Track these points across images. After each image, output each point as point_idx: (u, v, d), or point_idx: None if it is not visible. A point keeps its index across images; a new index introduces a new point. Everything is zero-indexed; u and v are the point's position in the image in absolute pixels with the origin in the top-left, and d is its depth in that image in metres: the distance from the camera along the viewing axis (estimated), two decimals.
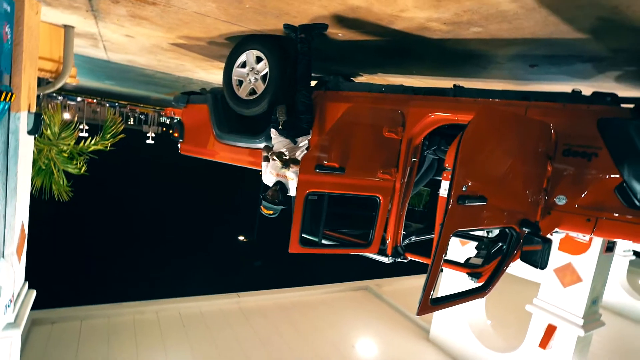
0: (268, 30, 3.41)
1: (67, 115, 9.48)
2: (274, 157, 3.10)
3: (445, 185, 2.59)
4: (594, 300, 5.33)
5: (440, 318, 6.93)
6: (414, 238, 3.48)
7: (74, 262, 14.35)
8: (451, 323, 6.70)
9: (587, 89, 3.53)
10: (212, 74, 6.70)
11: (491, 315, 6.92)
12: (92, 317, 6.81)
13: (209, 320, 7.24)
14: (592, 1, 1.98)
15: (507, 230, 2.50)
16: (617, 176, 2.32)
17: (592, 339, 5.57)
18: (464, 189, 1.99)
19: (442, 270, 2.69)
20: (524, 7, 2.20)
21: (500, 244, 2.88)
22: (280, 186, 3.24)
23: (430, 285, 2.12)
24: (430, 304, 2.19)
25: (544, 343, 5.41)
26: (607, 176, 2.37)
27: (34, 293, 3.65)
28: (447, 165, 2.68)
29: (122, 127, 8.36)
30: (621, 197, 2.31)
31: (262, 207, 3.25)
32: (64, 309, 6.86)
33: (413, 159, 2.99)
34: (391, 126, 2.94)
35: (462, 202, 2.00)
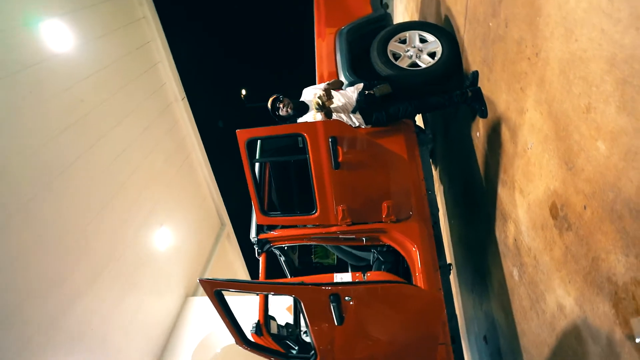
0: (462, 47, 3.13)
1: None
2: (328, 94, 2.82)
3: (346, 278, 2.44)
4: None
5: (203, 305, 6.89)
6: (282, 258, 3.35)
7: None
8: (205, 320, 6.64)
9: None
10: (400, 14, 6.33)
11: None
12: None
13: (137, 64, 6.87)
14: None
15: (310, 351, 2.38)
16: None
17: None
18: (346, 299, 1.83)
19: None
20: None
21: (296, 347, 2.81)
22: (303, 107, 3.01)
23: (233, 285, 2.04)
24: (213, 289, 2.06)
25: None
26: None
27: None
28: (367, 275, 2.53)
29: None
30: None
31: (276, 95, 2.97)
32: None
33: (364, 238, 2.83)
34: (393, 207, 2.79)
35: (332, 301, 1.84)
